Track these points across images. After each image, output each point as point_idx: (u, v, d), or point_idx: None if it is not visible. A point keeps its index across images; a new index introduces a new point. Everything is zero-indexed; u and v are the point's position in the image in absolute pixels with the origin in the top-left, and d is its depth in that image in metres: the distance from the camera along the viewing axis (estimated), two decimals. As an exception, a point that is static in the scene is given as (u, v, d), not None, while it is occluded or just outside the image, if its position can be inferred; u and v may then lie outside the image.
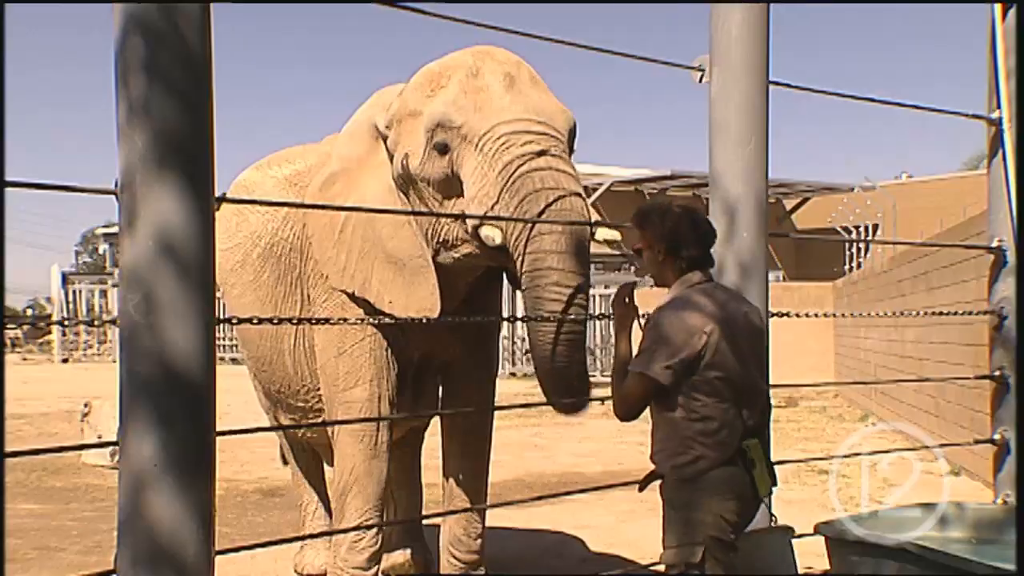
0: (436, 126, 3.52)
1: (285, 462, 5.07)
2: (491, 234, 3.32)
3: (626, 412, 2.69)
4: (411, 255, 3.73)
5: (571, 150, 3.61)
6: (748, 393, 2.69)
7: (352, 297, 3.93)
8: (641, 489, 2.82)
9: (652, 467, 2.76)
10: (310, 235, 4.16)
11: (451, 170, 3.52)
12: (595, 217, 3.62)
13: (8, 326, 42.11)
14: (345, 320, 3.71)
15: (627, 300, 2.81)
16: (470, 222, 3.40)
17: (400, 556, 4.83)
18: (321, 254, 4.03)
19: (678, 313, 2.65)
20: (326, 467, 4.82)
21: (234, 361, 21.76)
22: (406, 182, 3.69)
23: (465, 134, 3.45)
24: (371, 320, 3.78)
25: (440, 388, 4.39)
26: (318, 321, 3.79)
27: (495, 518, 4.16)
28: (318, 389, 4.28)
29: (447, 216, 3.51)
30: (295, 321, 3.77)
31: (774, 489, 2.79)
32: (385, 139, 3.79)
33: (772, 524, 2.96)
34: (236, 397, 7.66)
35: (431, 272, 3.67)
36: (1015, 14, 3.29)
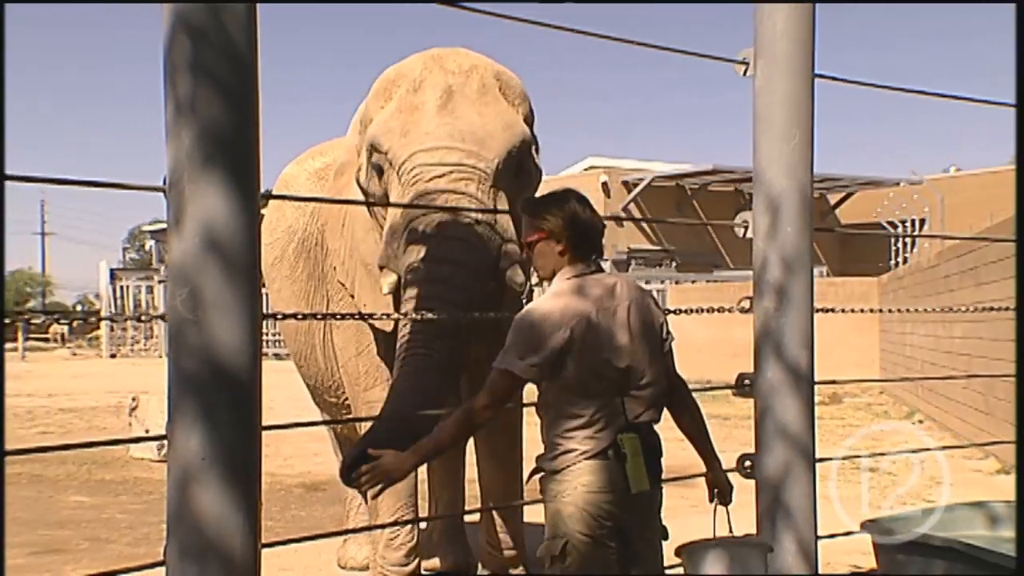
0: (371, 147, 3.61)
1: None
2: (516, 278, 3.51)
3: (488, 408, 2.61)
4: (375, 260, 3.67)
5: (521, 167, 3.68)
6: (629, 386, 2.60)
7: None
8: (527, 481, 2.87)
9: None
10: (322, 227, 4.19)
11: (385, 191, 3.61)
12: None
13: (60, 321, 42.73)
14: (389, 315, 3.60)
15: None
16: None
17: (439, 560, 4.80)
18: (331, 246, 4.07)
19: (544, 309, 2.58)
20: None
21: (277, 356, 21.96)
22: (363, 191, 3.74)
23: (391, 160, 3.55)
24: (413, 315, 3.72)
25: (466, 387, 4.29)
26: (360, 316, 3.74)
27: (531, 514, 4.15)
28: None
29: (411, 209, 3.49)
30: (338, 316, 3.76)
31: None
32: None
33: (747, 538, 2.80)
34: (280, 392, 7.73)
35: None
36: (1015, 14, 3.23)
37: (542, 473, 2.64)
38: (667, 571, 2.73)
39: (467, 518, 5.12)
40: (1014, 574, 2.77)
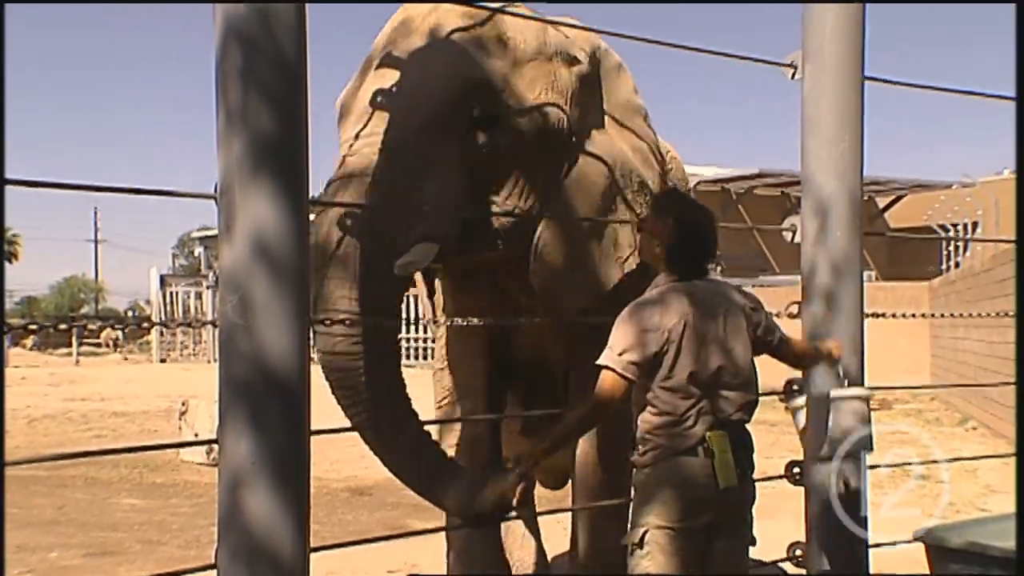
0: None
1: None
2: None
3: (599, 408, 2.68)
4: None
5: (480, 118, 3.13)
6: (720, 387, 2.69)
7: None
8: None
9: None
10: None
11: None
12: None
13: (113, 327, 43.38)
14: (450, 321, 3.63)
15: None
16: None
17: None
18: None
19: (644, 311, 2.69)
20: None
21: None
22: None
23: None
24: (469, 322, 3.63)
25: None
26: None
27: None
28: None
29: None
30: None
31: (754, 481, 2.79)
32: None
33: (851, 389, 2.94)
34: (325, 394, 7.78)
35: None
36: (1015, 13, 3.17)
37: (633, 467, 2.75)
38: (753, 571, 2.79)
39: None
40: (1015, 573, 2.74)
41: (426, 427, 3.03)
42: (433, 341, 4.76)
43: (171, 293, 32.93)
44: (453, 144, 3.07)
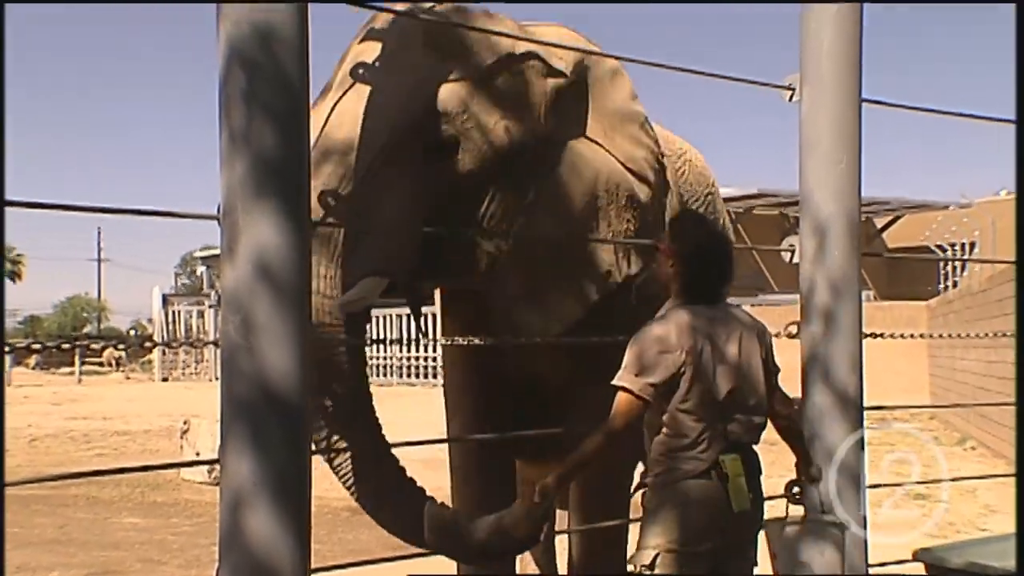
0: None
1: None
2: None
3: (616, 430, 2.64)
4: None
5: (434, 137, 2.98)
6: (734, 410, 2.68)
7: None
8: (631, 496, 2.86)
9: None
10: None
11: None
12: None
13: (116, 347, 43.37)
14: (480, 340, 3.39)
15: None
16: None
17: None
18: None
19: (659, 331, 2.66)
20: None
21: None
22: None
23: None
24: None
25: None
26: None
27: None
28: None
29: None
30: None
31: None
32: None
33: (825, 517, 2.87)
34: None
35: None
36: (1015, 13, 3.18)
37: (645, 488, 2.73)
38: None
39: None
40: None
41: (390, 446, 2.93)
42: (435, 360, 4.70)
43: (173, 312, 32.99)
44: (407, 173, 2.95)
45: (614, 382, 2.64)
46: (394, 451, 2.96)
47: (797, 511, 2.89)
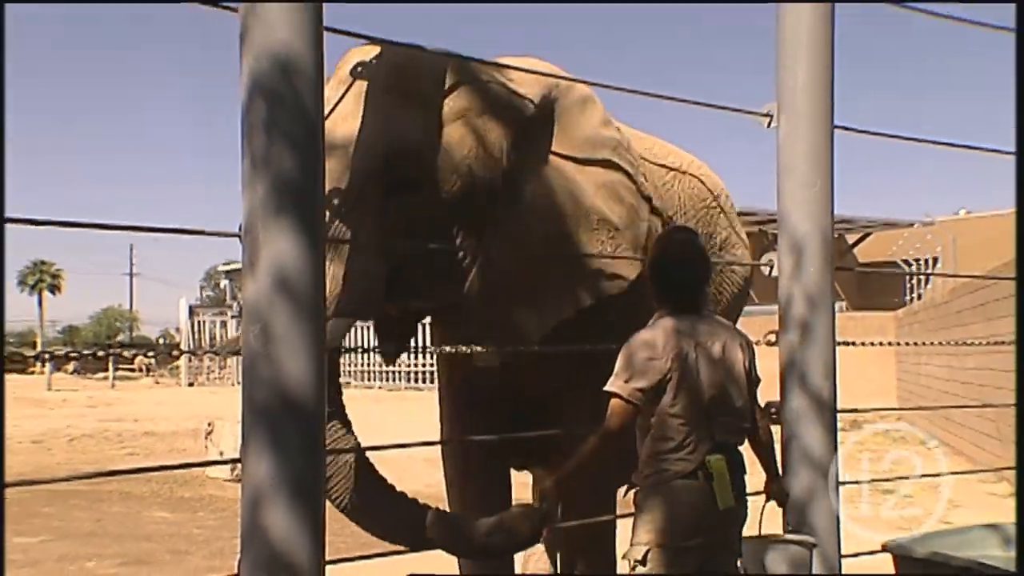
0: None
1: None
2: None
3: (610, 434, 2.61)
4: None
5: (402, 179, 2.88)
6: (719, 414, 2.66)
7: None
8: (624, 495, 2.80)
9: None
10: None
11: None
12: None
13: (146, 354, 43.32)
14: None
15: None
16: None
17: None
18: None
19: (647, 338, 2.64)
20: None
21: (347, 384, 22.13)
22: None
23: None
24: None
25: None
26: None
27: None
28: None
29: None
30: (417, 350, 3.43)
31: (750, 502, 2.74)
32: None
33: (796, 536, 2.82)
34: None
35: None
36: (1015, 14, 3.17)
37: (636, 488, 2.70)
38: None
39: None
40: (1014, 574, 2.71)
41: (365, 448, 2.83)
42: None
43: (199, 322, 33.01)
44: (372, 213, 2.83)
45: (606, 388, 2.62)
46: (400, 451, 2.92)
47: (770, 529, 2.83)
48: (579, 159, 3.31)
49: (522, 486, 3.79)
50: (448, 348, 3.21)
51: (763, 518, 2.79)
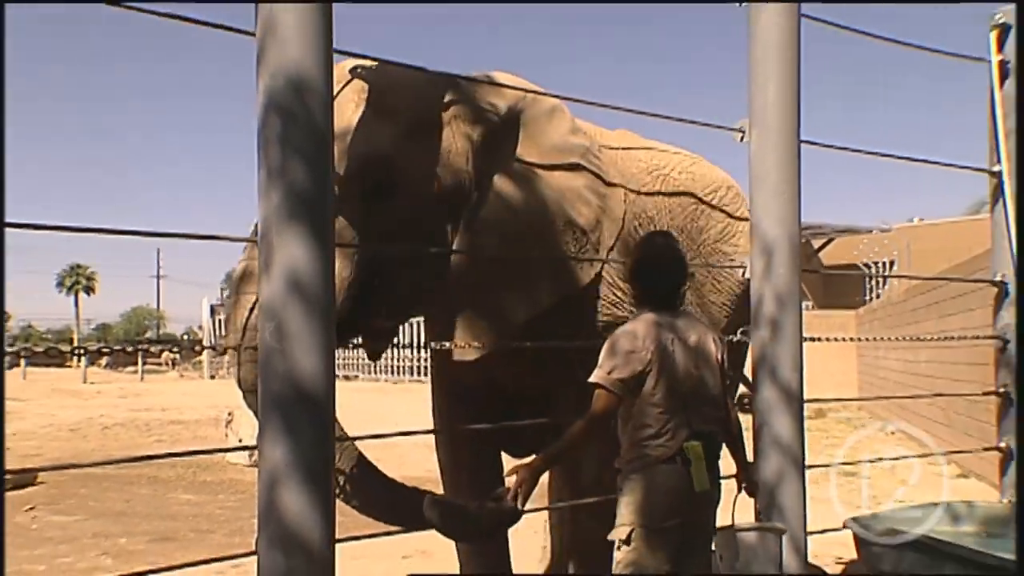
0: None
1: None
2: None
3: (594, 423, 2.59)
4: None
5: (380, 187, 2.84)
6: (695, 403, 2.63)
7: None
8: (609, 482, 2.74)
9: None
10: None
11: None
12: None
13: (172, 349, 43.22)
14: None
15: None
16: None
17: None
18: None
19: (628, 333, 2.63)
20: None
21: (346, 378, 22.11)
22: None
23: None
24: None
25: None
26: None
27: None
28: None
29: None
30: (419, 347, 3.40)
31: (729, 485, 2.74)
32: None
33: (766, 524, 2.80)
34: (349, 406, 7.73)
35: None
36: (1015, 14, 3.17)
37: (619, 472, 2.67)
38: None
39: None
40: (1014, 574, 2.68)
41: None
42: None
43: (220, 320, 32.84)
44: (347, 221, 2.79)
45: (590, 379, 2.60)
46: (402, 439, 2.90)
47: (742, 519, 2.80)
48: (546, 165, 3.26)
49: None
50: (434, 344, 3.18)
51: (735, 506, 2.77)
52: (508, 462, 3.59)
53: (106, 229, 2.13)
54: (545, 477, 3.13)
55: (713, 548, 2.70)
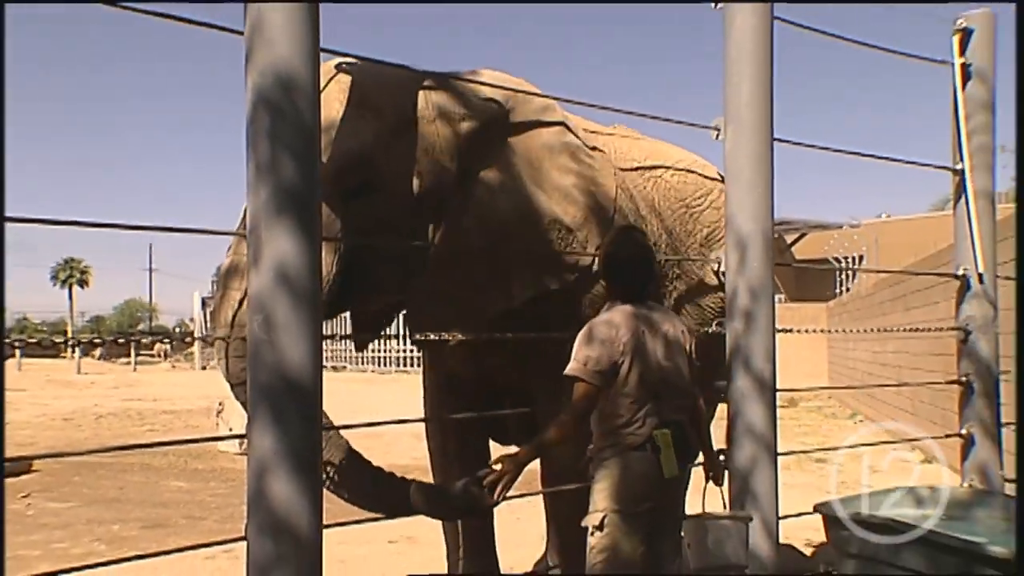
0: None
1: None
2: None
3: (576, 413, 2.58)
4: None
5: (364, 186, 2.81)
6: (665, 391, 2.64)
7: None
8: (584, 468, 2.75)
9: None
10: None
11: None
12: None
13: (163, 341, 42.93)
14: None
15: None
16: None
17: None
18: None
19: (601, 328, 2.62)
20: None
21: (334, 369, 22.02)
22: None
23: None
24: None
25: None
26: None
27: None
28: None
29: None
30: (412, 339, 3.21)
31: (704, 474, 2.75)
32: None
33: (734, 512, 2.80)
34: (336, 396, 7.71)
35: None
36: (1015, 14, 3.18)
37: (591, 460, 2.67)
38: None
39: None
40: (1014, 573, 2.69)
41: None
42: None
43: (210, 312, 32.70)
44: (331, 219, 2.75)
45: (567, 372, 2.58)
46: (390, 427, 2.88)
47: (711, 508, 2.78)
48: (535, 164, 3.22)
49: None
50: (419, 336, 3.13)
51: (705, 495, 2.77)
52: (497, 452, 3.60)
53: (101, 223, 2.11)
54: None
55: (682, 534, 2.70)
